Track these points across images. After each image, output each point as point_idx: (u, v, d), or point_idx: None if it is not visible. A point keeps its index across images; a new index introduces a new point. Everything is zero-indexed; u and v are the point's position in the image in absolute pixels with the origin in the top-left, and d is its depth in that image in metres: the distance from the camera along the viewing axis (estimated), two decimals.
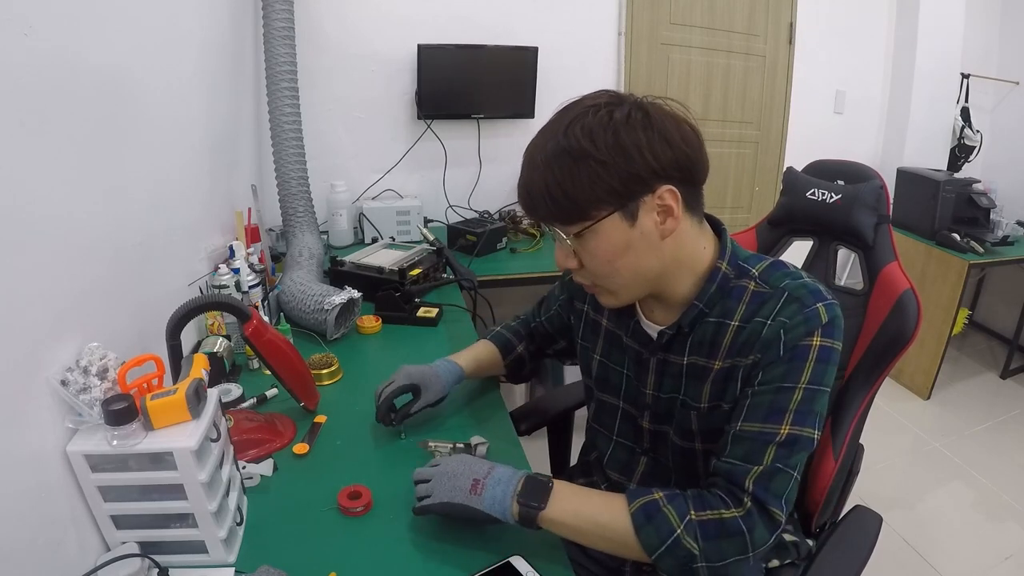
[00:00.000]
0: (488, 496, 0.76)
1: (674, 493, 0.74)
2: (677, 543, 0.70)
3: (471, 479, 0.77)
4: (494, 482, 0.77)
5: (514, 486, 0.76)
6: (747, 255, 0.82)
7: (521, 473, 0.78)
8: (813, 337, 0.72)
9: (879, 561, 0.88)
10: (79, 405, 0.70)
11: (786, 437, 0.71)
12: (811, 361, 0.72)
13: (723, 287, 0.78)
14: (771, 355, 0.73)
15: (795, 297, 0.74)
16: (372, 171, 2.29)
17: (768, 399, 0.73)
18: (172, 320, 0.88)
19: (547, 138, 0.72)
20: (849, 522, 0.92)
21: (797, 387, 0.72)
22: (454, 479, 0.78)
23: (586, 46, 2.43)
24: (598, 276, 0.77)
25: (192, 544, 0.75)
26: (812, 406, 0.72)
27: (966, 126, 3.04)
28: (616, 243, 0.73)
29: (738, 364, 0.77)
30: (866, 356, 1.01)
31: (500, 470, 0.78)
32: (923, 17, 2.82)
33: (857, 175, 1.12)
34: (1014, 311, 2.85)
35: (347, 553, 0.78)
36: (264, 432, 1.00)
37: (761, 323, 0.74)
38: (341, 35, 2.12)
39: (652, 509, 0.72)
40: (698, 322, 0.80)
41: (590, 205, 0.70)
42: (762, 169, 2.93)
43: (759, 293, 0.77)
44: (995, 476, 2.19)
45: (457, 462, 0.80)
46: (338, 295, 1.34)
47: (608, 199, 0.70)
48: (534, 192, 0.73)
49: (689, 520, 0.70)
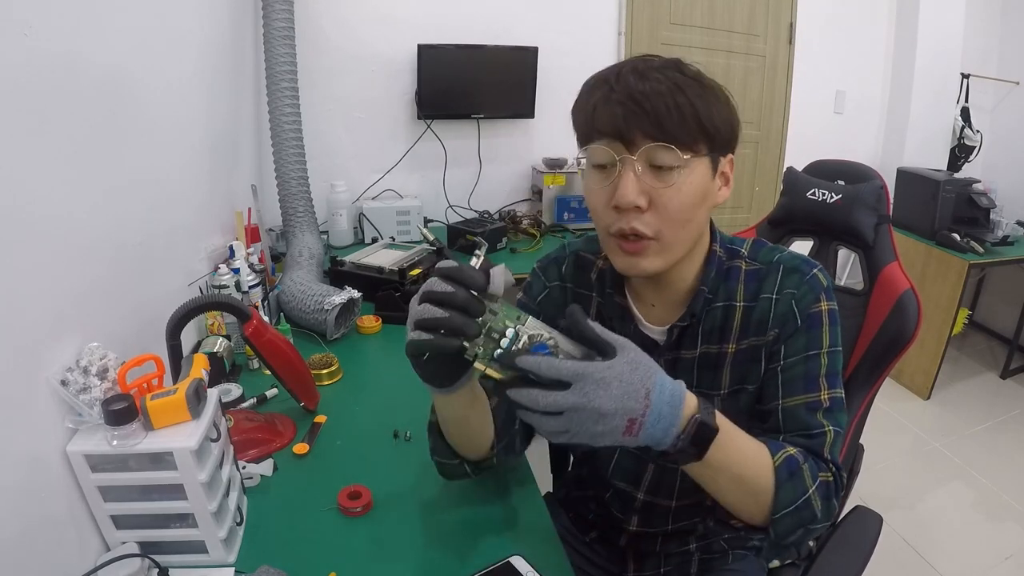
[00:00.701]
0: (646, 436, 0.58)
1: (802, 451, 0.70)
2: (808, 503, 0.67)
3: (626, 418, 0.56)
4: (654, 419, 0.58)
5: (678, 427, 0.60)
6: (730, 236, 0.83)
7: (681, 400, 0.60)
8: (820, 302, 0.75)
9: (879, 561, 0.88)
10: (79, 405, 0.70)
11: (829, 401, 0.73)
12: (825, 326, 0.75)
13: (720, 270, 0.79)
14: (789, 328, 0.75)
15: (792, 267, 0.76)
16: (372, 171, 2.29)
17: (801, 370, 0.74)
18: (172, 320, 0.88)
19: (651, 64, 0.67)
20: (850, 522, 0.92)
21: (821, 352, 0.74)
22: (604, 420, 0.56)
23: (586, 46, 2.43)
24: (670, 223, 0.69)
25: (192, 544, 0.75)
26: (836, 368, 0.76)
27: (966, 126, 3.04)
28: (701, 189, 0.69)
29: (758, 344, 0.77)
30: (866, 356, 1.01)
31: (657, 398, 0.58)
32: (923, 17, 2.82)
33: (857, 175, 1.12)
34: (1014, 311, 2.85)
35: (347, 553, 0.78)
36: (264, 432, 1.00)
37: (768, 299, 0.76)
38: (341, 35, 2.12)
39: (794, 465, 0.68)
40: (706, 309, 0.79)
41: (716, 131, 0.67)
42: (762, 169, 2.93)
43: (753, 271, 0.78)
44: (995, 476, 2.19)
45: (604, 394, 0.55)
46: (338, 295, 1.34)
47: (712, 141, 0.68)
48: (655, 100, 0.64)
49: (820, 481, 0.68)
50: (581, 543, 0.99)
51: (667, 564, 0.94)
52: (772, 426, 0.75)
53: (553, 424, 0.56)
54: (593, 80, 0.70)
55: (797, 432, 0.73)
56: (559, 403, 0.55)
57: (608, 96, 0.66)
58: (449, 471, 0.84)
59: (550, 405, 0.55)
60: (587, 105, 0.69)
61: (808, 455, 0.70)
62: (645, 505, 0.91)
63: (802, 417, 0.73)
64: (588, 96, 0.69)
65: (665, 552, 0.94)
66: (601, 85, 0.68)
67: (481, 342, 0.59)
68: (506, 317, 0.59)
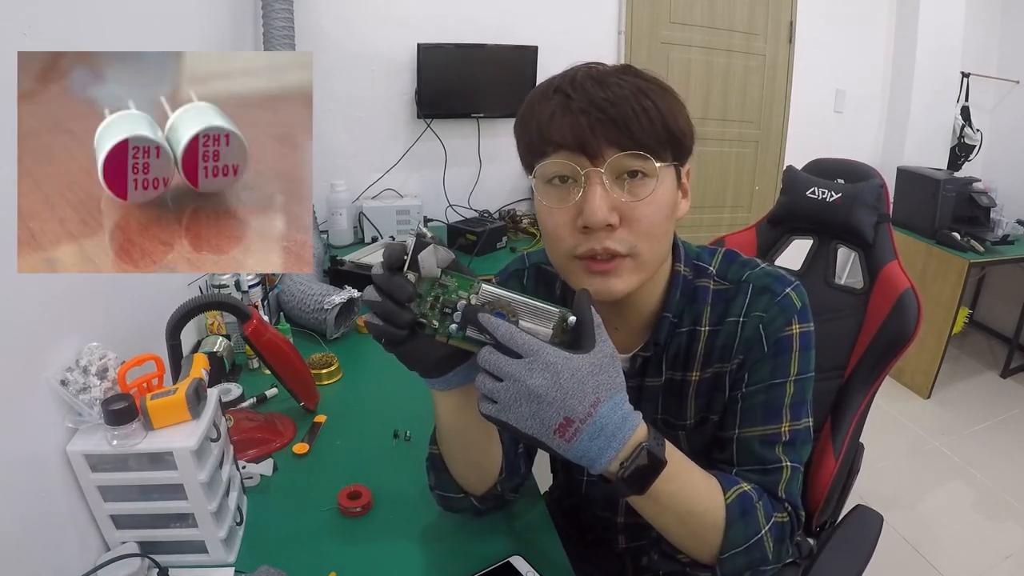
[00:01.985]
0: (580, 447, 0.54)
1: (758, 488, 0.67)
2: (759, 544, 0.64)
3: (562, 415, 0.52)
4: (594, 431, 0.53)
5: (619, 449, 0.55)
6: (696, 251, 0.77)
7: (632, 427, 0.55)
8: (791, 326, 0.69)
9: (879, 560, 0.88)
10: (79, 405, 0.70)
11: (789, 435, 0.69)
12: (795, 351, 0.69)
13: (686, 291, 0.73)
14: (755, 354, 0.70)
15: (762, 287, 0.71)
16: (372, 170, 2.28)
17: (762, 399, 0.70)
18: (172, 320, 0.88)
19: (604, 69, 0.63)
20: (850, 521, 0.92)
21: (787, 381, 0.70)
22: (536, 404, 0.52)
23: (586, 46, 2.43)
24: (646, 239, 0.63)
25: (192, 544, 0.75)
26: (804, 396, 0.71)
27: (966, 125, 3.04)
28: (671, 200, 0.64)
29: (722, 371, 0.72)
30: (866, 355, 1.01)
31: (606, 412, 0.54)
32: (923, 16, 2.82)
33: (857, 174, 1.12)
34: (1014, 310, 2.85)
35: (347, 553, 0.78)
36: (264, 432, 1.00)
37: (735, 322, 0.71)
38: (341, 35, 2.12)
39: (747, 503, 0.64)
40: (671, 335, 0.74)
41: (670, 142, 0.62)
42: (762, 168, 2.93)
43: (721, 291, 0.73)
44: (995, 476, 2.19)
45: (548, 379, 0.52)
46: (338, 295, 1.34)
47: (677, 148, 0.64)
48: (621, 105, 0.59)
49: (774, 522, 0.65)
50: (581, 544, 0.99)
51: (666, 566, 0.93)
52: (726, 457, 0.72)
53: (489, 385, 0.54)
54: (542, 90, 0.65)
55: (751, 466, 0.69)
56: (501, 367, 0.53)
57: (566, 105, 0.61)
58: (453, 504, 0.80)
59: (493, 364, 0.53)
60: (540, 116, 0.63)
61: (763, 492, 0.67)
62: (628, 527, 0.89)
63: (757, 450, 0.69)
64: (539, 107, 0.63)
65: None
66: (554, 94, 0.62)
67: (437, 317, 0.57)
68: (459, 288, 0.58)
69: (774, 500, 0.68)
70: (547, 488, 1.10)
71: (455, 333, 0.57)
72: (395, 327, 0.56)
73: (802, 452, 0.71)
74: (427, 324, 0.58)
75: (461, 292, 0.57)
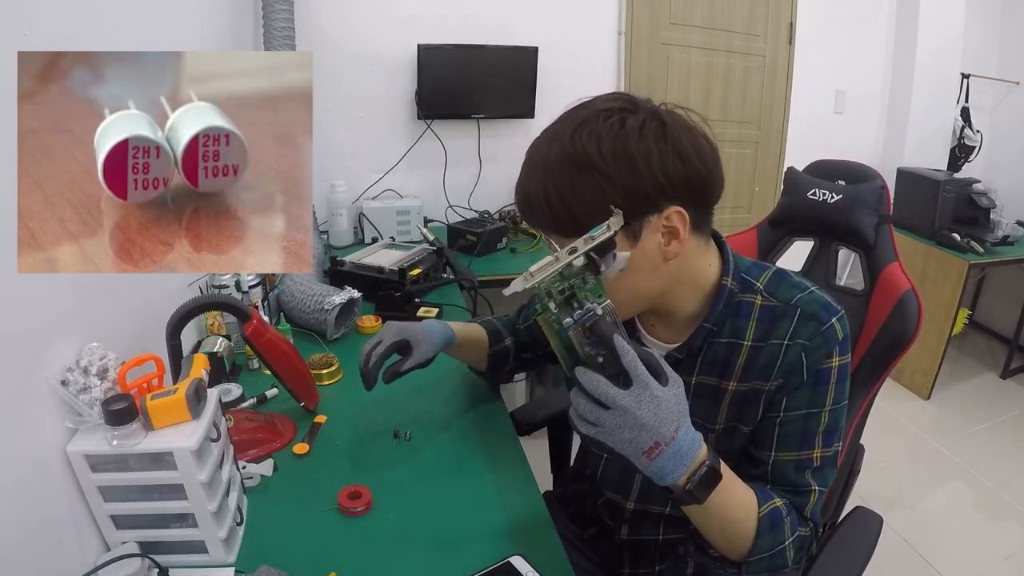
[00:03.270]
0: (659, 465, 0.61)
1: (787, 504, 0.72)
2: (782, 553, 0.70)
3: (653, 440, 0.60)
4: (674, 452, 0.61)
5: (689, 467, 0.63)
6: (748, 265, 0.79)
7: (699, 446, 0.64)
8: (832, 358, 0.72)
9: (879, 561, 0.88)
10: (79, 405, 0.70)
11: (820, 460, 0.74)
12: (832, 383, 0.73)
13: (730, 304, 0.75)
14: (795, 381, 0.72)
15: (810, 314, 0.72)
16: (372, 171, 2.28)
17: (800, 427, 0.73)
18: (172, 320, 0.88)
19: (551, 141, 0.67)
20: (849, 523, 0.92)
21: (823, 411, 0.73)
22: (638, 431, 0.59)
23: (586, 46, 2.43)
24: (622, 306, 0.69)
25: (192, 544, 0.75)
26: (837, 424, 0.74)
27: (966, 126, 3.04)
28: (638, 264, 0.69)
29: (759, 388, 0.75)
30: (867, 357, 1.01)
31: (683, 434, 0.62)
32: (923, 17, 2.82)
33: (858, 175, 1.12)
34: (1014, 311, 2.85)
35: (347, 553, 0.78)
36: (264, 432, 1.00)
37: (778, 345, 0.73)
38: (341, 35, 2.12)
39: (777, 518, 0.70)
40: (708, 343, 0.77)
41: (590, 219, 0.63)
42: (762, 169, 2.93)
43: (768, 308, 0.75)
44: (995, 476, 2.19)
45: (651, 409, 0.59)
46: (338, 295, 1.34)
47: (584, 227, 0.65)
48: (532, 197, 0.68)
49: (798, 535, 0.71)
50: (581, 540, 0.99)
51: (662, 562, 0.94)
52: (761, 474, 0.76)
53: (595, 414, 0.59)
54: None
55: (783, 487, 0.74)
56: (614, 398, 0.58)
57: (516, 185, 0.73)
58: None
59: (604, 395, 0.59)
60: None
61: (792, 509, 0.73)
62: (635, 514, 0.91)
63: (790, 475, 0.74)
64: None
65: (661, 551, 0.94)
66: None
67: (558, 304, 0.62)
68: (591, 292, 0.62)
69: (800, 517, 0.73)
70: (547, 488, 1.10)
71: (565, 325, 0.62)
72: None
73: (828, 476, 0.75)
74: (543, 304, 0.62)
75: (591, 296, 0.62)
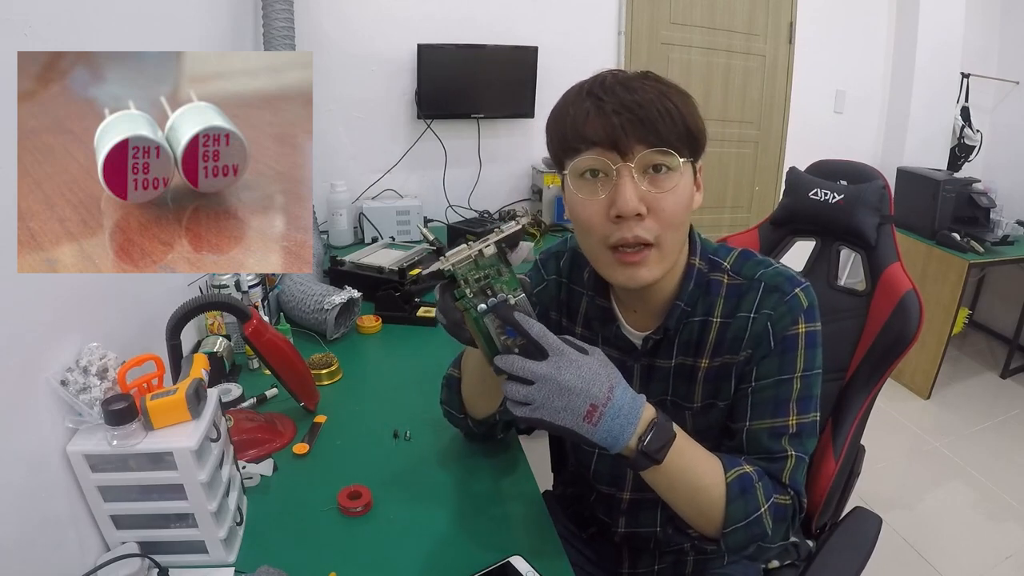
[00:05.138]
0: (604, 428, 0.63)
1: (759, 470, 0.73)
2: (759, 521, 0.69)
3: (588, 403, 0.62)
4: (614, 413, 0.63)
5: (635, 426, 0.65)
6: (714, 247, 0.82)
7: (641, 404, 0.66)
8: (798, 325, 0.74)
9: (879, 561, 0.88)
10: (79, 405, 0.70)
11: (796, 427, 0.74)
12: (801, 349, 0.74)
13: (700, 283, 0.78)
14: (763, 350, 0.74)
15: (773, 286, 0.75)
16: (372, 171, 2.28)
17: (771, 394, 0.75)
18: (172, 320, 0.88)
19: (628, 75, 0.70)
20: (849, 523, 0.92)
21: (794, 377, 0.74)
22: (568, 396, 0.62)
23: (586, 46, 2.43)
24: (669, 227, 0.69)
25: (192, 544, 0.75)
26: (811, 391, 0.75)
27: (966, 126, 3.04)
28: (690, 192, 0.71)
29: (730, 362, 0.77)
30: (867, 357, 1.01)
31: (620, 395, 0.64)
32: (923, 17, 2.82)
33: (860, 175, 1.12)
34: (1014, 311, 2.85)
35: (347, 553, 0.78)
36: (264, 432, 1.00)
37: (745, 317, 0.75)
38: (341, 35, 2.12)
39: (747, 483, 0.70)
40: (683, 322, 0.79)
41: (688, 140, 0.69)
42: (762, 169, 2.93)
43: (735, 285, 0.77)
44: (995, 476, 2.19)
45: (574, 372, 0.63)
46: (338, 295, 1.34)
47: (694, 145, 0.70)
48: (648, 107, 0.66)
49: (774, 502, 0.71)
50: (580, 540, 0.99)
51: (661, 561, 0.94)
52: (736, 445, 0.77)
53: (523, 392, 0.63)
54: (574, 92, 0.71)
55: (759, 455, 0.75)
56: (534, 371, 0.63)
57: (599, 107, 0.67)
58: (453, 421, 0.94)
59: (524, 371, 0.63)
60: (575, 116, 0.69)
61: (764, 474, 0.72)
62: (632, 504, 0.91)
63: (764, 442, 0.74)
64: (573, 107, 0.69)
65: (660, 550, 0.94)
66: (586, 97, 0.69)
67: (474, 291, 0.66)
68: (506, 284, 0.67)
69: (777, 484, 0.73)
70: (547, 488, 1.10)
71: (478, 312, 0.66)
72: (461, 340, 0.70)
73: (807, 444, 0.75)
74: (462, 291, 0.66)
75: (506, 287, 0.67)
